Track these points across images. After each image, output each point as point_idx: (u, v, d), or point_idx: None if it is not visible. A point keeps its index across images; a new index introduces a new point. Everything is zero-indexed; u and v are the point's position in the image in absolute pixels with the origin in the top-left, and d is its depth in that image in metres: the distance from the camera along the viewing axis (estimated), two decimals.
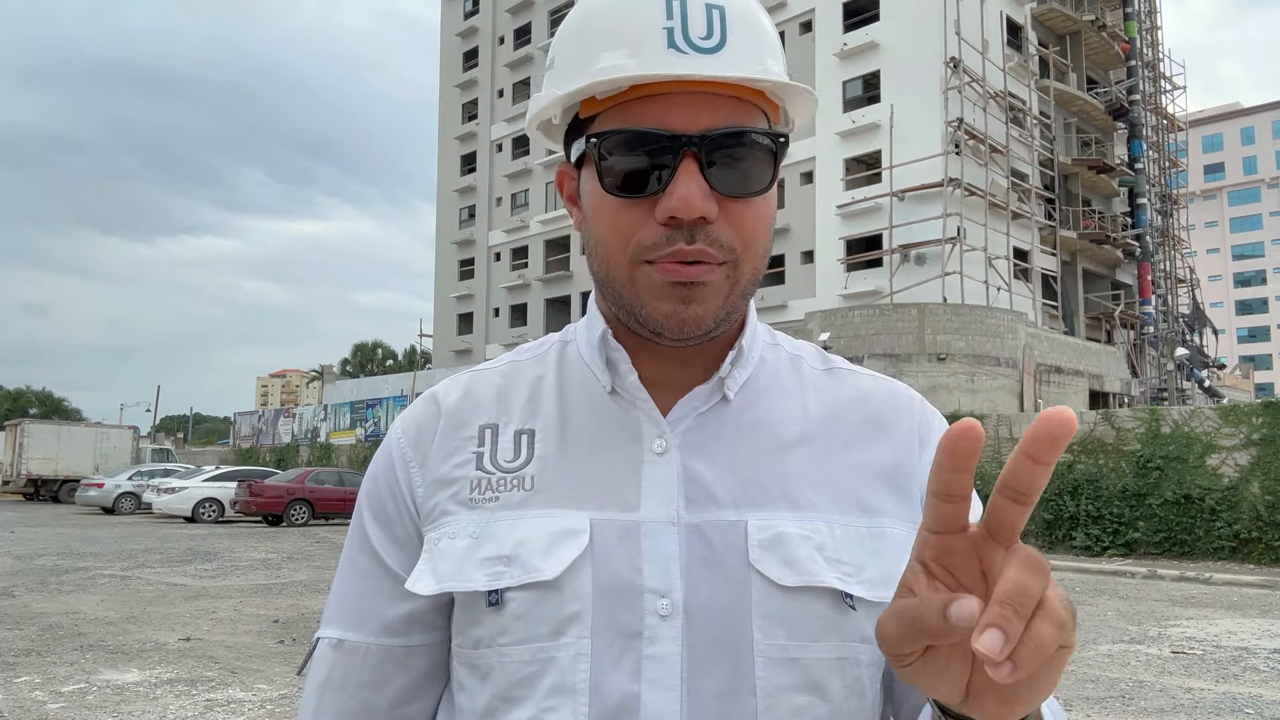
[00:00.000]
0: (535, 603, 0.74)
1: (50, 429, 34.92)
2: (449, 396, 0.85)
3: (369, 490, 0.85)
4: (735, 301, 0.77)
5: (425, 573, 0.77)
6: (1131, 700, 5.98)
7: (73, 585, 11.10)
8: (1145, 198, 36.94)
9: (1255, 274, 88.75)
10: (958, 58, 30.16)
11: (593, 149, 0.75)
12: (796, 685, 0.73)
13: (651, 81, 0.72)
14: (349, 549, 0.86)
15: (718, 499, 0.77)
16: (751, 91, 0.76)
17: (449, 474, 0.81)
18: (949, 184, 29.40)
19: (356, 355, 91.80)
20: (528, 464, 0.80)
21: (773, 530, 0.76)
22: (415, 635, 0.81)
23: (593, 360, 0.83)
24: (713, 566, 0.75)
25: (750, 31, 0.75)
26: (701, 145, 0.72)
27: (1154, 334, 35.95)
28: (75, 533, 19.68)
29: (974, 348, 24.83)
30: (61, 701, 5.81)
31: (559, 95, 0.76)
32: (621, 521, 0.76)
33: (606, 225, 0.76)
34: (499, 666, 0.75)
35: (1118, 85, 38.86)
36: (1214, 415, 14.73)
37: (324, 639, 0.83)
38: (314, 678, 0.83)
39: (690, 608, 0.74)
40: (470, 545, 0.77)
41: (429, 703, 0.83)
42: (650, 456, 0.78)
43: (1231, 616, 9.48)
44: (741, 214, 0.75)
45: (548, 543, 0.75)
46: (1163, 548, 14.65)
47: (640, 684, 0.72)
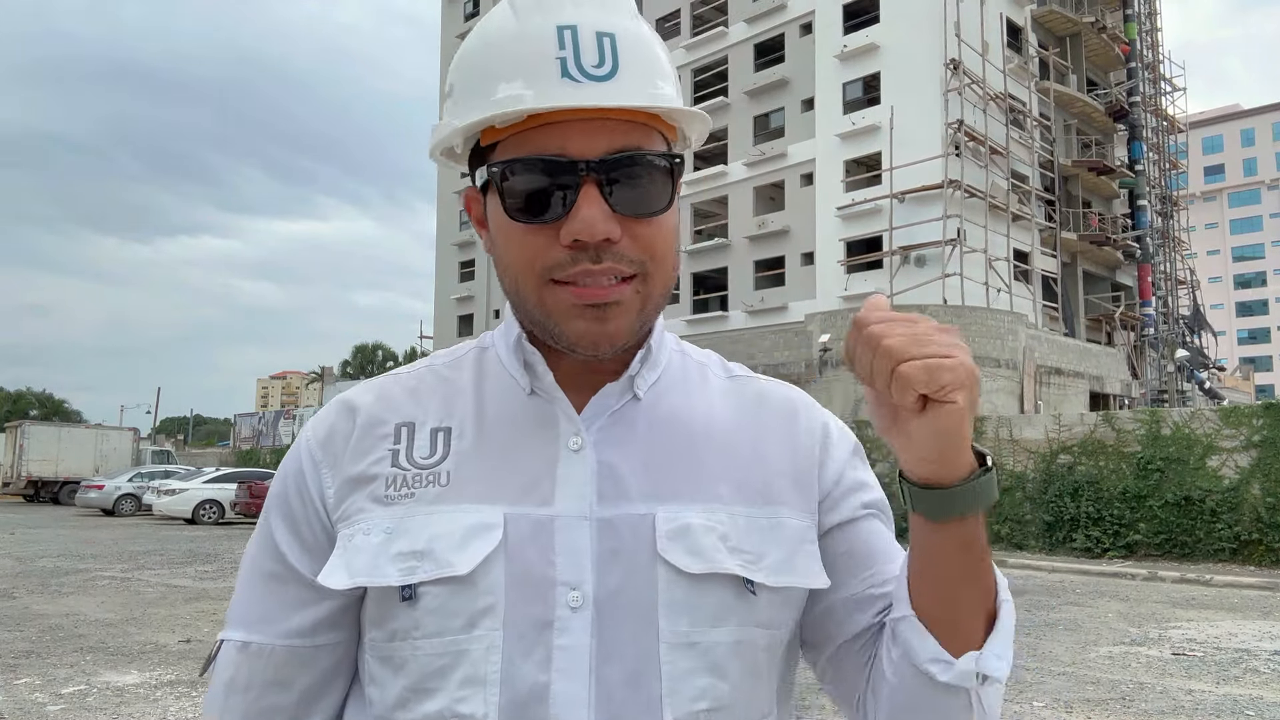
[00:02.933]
0: (448, 597, 0.76)
1: (50, 431, 34.93)
2: (363, 398, 0.87)
3: (276, 492, 0.86)
4: (648, 316, 0.81)
5: (338, 568, 0.78)
6: (1132, 702, 5.97)
7: (73, 587, 11.09)
8: (1145, 199, 36.95)
9: (1255, 275, 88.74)
10: (958, 59, 30.16)
11: (495, 177, 0.78)
12: (698, 668, 0.77)
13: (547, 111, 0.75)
14: (253, 550, 0.86)
15: (628, 493, 0.80)
16: (646, 115, 0.79)
17: (364, 472, 0.82)
18: (949, 186, 29.40)
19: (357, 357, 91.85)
20: (443, 460, 0.81)
21: (679, 522, 0.79)
22: (321, 635, 0.82)
23: (511, 364, 0.86)
24: (622, 558, 0.78)
25: (641, 57, 0.78)
26: (601, 169, 0.75)
27: (1154, 336, 35.95)
28: (75, 534, 19.67)
29: (974, 349, 24.66)
30: (62, 703, 5.80)
31: (458, 126, 0.79)
32: (535, 516, 0.78)
33: (514, 250, 0.79)
34: (412, 659, 0.77)
35: (1118, 87, 38.87)
36: (1214, 417, 14.72)
37: (228, 641, 0.84)
38: (219, 679, 0.84)
39: (600, 599, 0.77)
40: (384, 541, 0.78)
41: (336, 699, 0.85)
42: (566, 453, 0.81)
43: (1232, 618, 9.47)
44: (645, 232, 0.78)
45: (462, 538, 0.77)
46: (1163, 549, 14.64)
47: (550, 674, 0.75)
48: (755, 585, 0.80)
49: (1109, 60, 38.77)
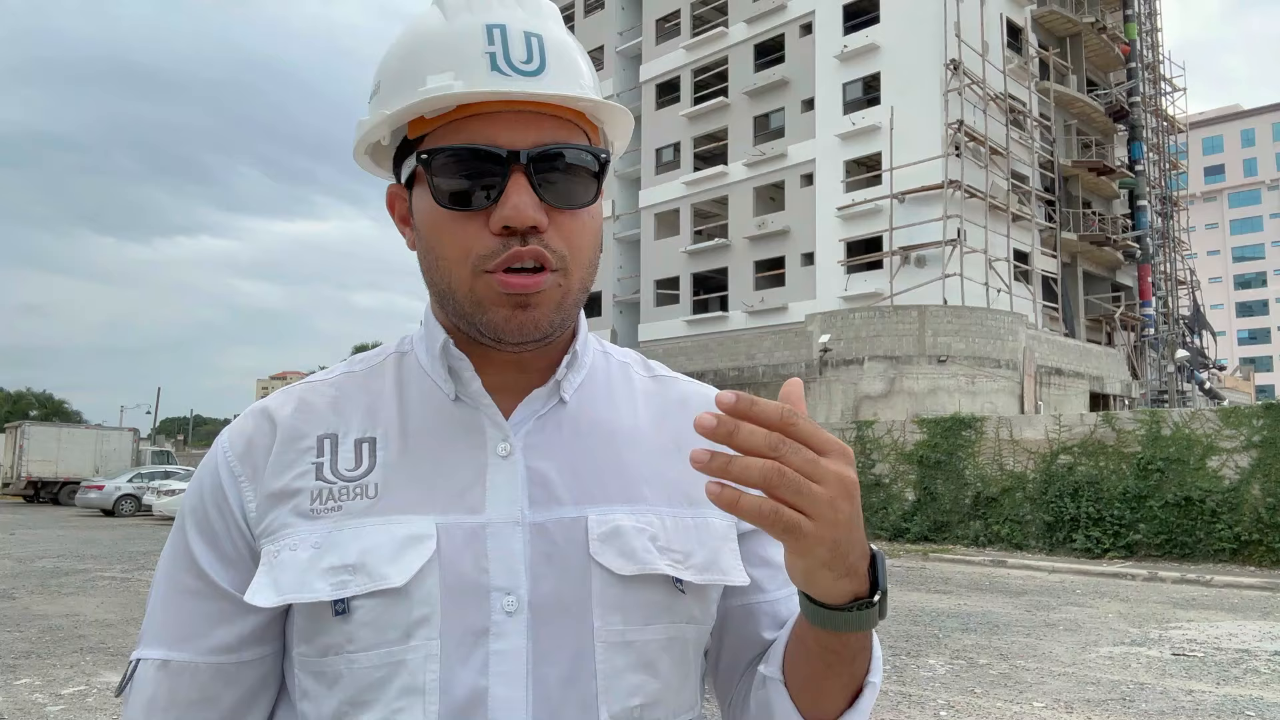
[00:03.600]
0: (383, 609, 0.75)
1: (50, 431, 34.89)
2: (282, 409, 0.85)
3: (193, 506, 0.84)
4: (568, 309, 0.82)
5: (265, 585, 0.77)
6: (1132, 702, 5.97)
7: (73, 588, 11.10)
8: (1145, 200, 36.96)
9: (1255, 276, 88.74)
10: (958, 60, 30.16)
11: (424, 165, 0.78)
12: (631, 665, 0.79)
13: (478, 100, 0.77)
14: (169, 565, 0.84)
15: (559, 497, 0.81)
16: (572, 112, 0.81)
17: (286, 486, 0.80)
18: (949, 186, 29.40)
19: None
20: (370, 472, 0.81)
21: (610, 524, 0.81)
22: (246, 651, 0.81)
23: (434, 370, 0.86)
24: (556, 562, 0.79)
25: (566, 58, 0.81)
26: (530, 160, 0.77)
27: (1154, 336, 35.96)
28: (75, 535, 19.67)
29: (974, 350, 24.83)
30: (62, 704, 5.80)
31: (387, 114, 0.79)
32: (468, 524, 0.79)
33: (444, 239, 0.79)
34: (348, 672, 0.76)
35: (1118, 87, 38.88)
36: (1214, 417, 14.72)
37: (146, 660, 0.81)
38: (137, 700, 0.81)
39: (535, 602, 0.78)
40: (313, 556, 0.77)
41: (261, 714, 0.83)
42: (494, 459, 0.82)
43: (1232, 619, 9.46)
44: (569, 225, 0.80)
45: (394, 550, 0.76)
46: (1163, 550, 14.63)
47: (488, 679, 0.75)
48: (684, 584, 0.81)
49: (1109, 60, 38.78)
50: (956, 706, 5.83)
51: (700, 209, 38.52)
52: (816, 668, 0.77)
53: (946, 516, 17.10)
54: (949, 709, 5.78)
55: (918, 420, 18.46)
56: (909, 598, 10.59)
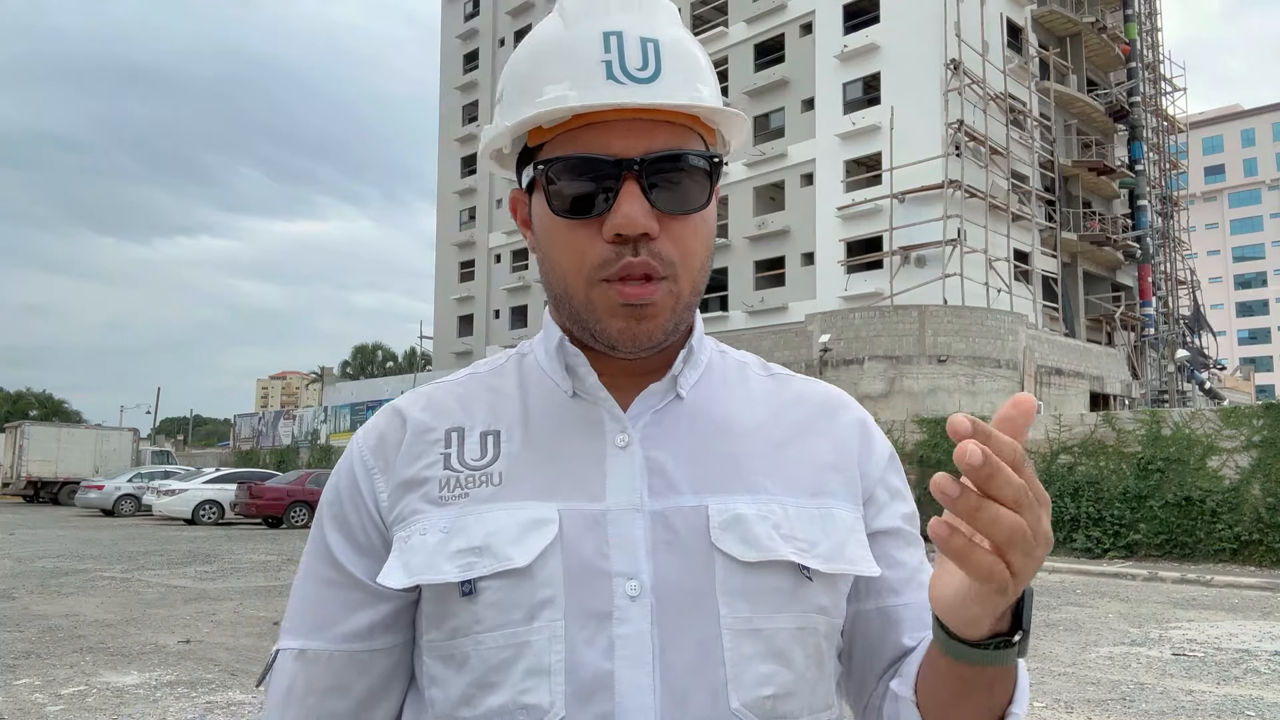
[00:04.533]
0: (508, 590, 0.77)
1: (50, 431, 34.92)
2: (412, 406, 0.89)
3: (329, 500, 0.88)
4: (681, 314, 0.84)
5: (396, 568, 0.80)
6: (1132, 702, 5.97)
7: (73, 587, 11.09)
8: (1146, 199, 36.96)
9: (1256, 276, 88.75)
10: (958, 60, 30.17)
11: (541, 175, 0.81)
12: (761, 654, 0.79)
13: (593, 110, 0.78)
14: (308, 559, 0.88)
15: (678, 487, 0.82)
16: (687, 117, 0.82)
17: (417, 475, 0.83)
18: (949, 186, 29.40)
19: (356, 357, 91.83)
20: (494, 461, 0.83)
21: (731, 512, 0.81)
22: (378, 639, 0.83)
23: (552, 368, 0.89)
24: (677, 549, 0.80)
25: (682, 61, 0.81)
26: (642, 167, 0.78)
27: (1154, 336, 35.96)
28: (75, 535, 19.67)
29: (974, 349, 24.83)
30: (61, 704, 5.80)
31: (507, 126, 0.83)
32: (588, 511, 0.80)
33: (559, 246, 0.82)
34: (475, 654, 0.78)
35: (1118, 87, 38.89)
36: (1215, 417, 14.72)
37: (285, 650, 0.85)
38: (276, 689, 0.84)
39: (658, 588, 0.78)
40: (441, 540, 0.79)
41: (393, 705, 0.86)
42: (613, 450, 0.83)
43: (1232, 619, 9.47)
44: (681, 230, 0.81)
45: (518, 533, 0.78)
46: (1164, 550, 14.64)
47: (613, 662, 0.76)
48: (811, 571, 0.81)
49: (1109, 60, 38.78)
50: None
51: None
52: (948, 695, 0.75)
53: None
54: None
55: (918, 420, 18.46)
56: None
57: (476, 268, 49.94)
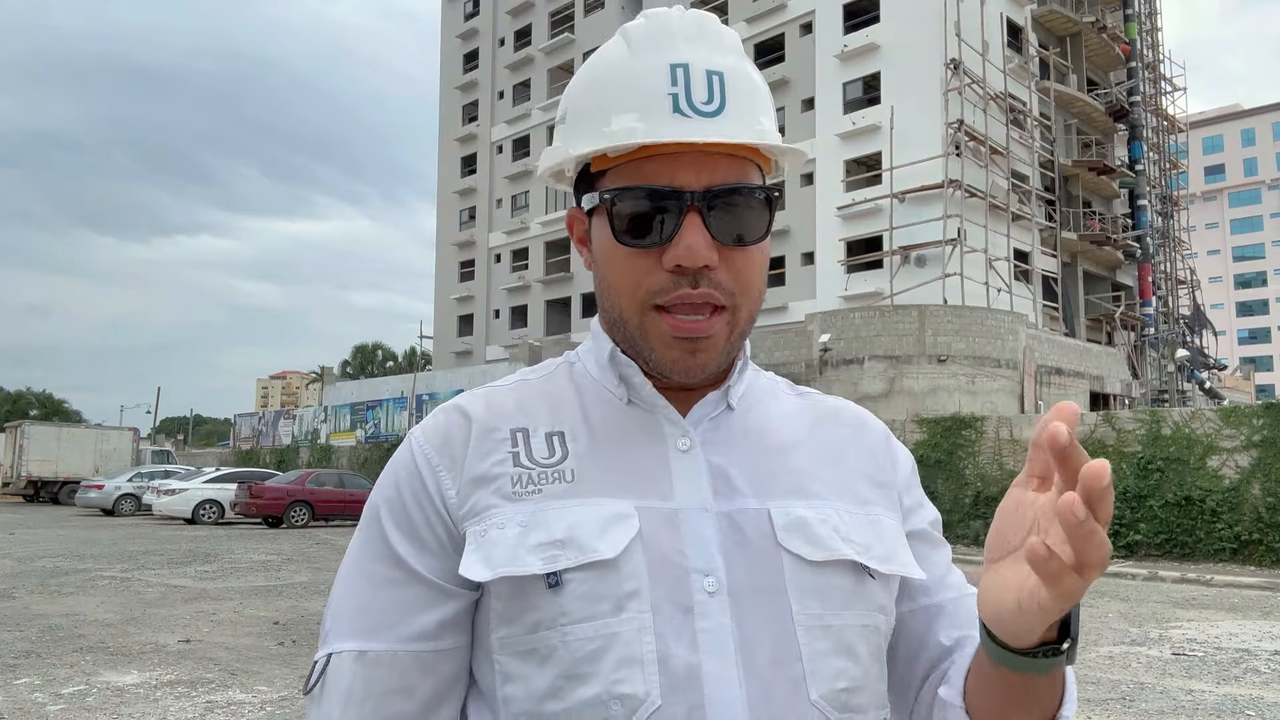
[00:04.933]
0: (595, 581, 0.78)
1: (50, 431, 34.91)
2: (474, 405, 0.89)
3: (387, 498, 0.86)
4: (735, 344, 0.87)
5: (476, 562, 0.79)
6: (1132, 702, 5.97)
7: (73, 587, 11.09)
8: (1146, 199, 36.96)
9: (1256, 275, 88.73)
10: (958, 59, 30.16)
11: (606, 203, 0.83)
12: (833, 649, 0.81)
13: (659, 144, 0.80)
14: (362, 559, 0.85)
15: (740, 490, 0.85)
16: (748, 149, 0.84)
17: (487, 472, 0.84)
18: (949, 185, 29.40)
19: (356, 357, 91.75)
20: (564, 459, 0.85)
21: (793, 515, 0.84)
22: (445, 639, 0.82)
23: (605, 377, 0.91)
24: (746, 548, 0.82)
25: (746, 94, 0.84)
26: (705, 200, 0.80)
27: (1154, 335, 35.95)
28: (75, 534, 19.67)
29: (974, 349, 24.82)
30: (61, 703, 5.80)
31: (574, 155, 0.85)
32: (662, 509, 0.82)
33: (618, 272, 0.84)
34: (562, 646, 0.77)
35: (1118, 87, 38.88)
36: (1215, 417, 14.72)
37: (340, 653, 0.81)
38: (335, 692, 0.81)
39: (733, 586, 0.80)
40: (520, 533, 0.80)
41: (454, 708, 0.85)
42: (676, 453, 0.85)
43: (1232, 618, 9.47)
44: (740, 261, 0.83)
45: (600, 526, 0.80)
46: (1164, 549, 14.64)
47: (699, 654, 0.77)
48: (872, 571, 0.84)
49: (1109, 60, 38.77)
50: None
51: None
52: (997, 702, 0.77)
53: (947, 516, 17.09)
54: None
55: (918, 420, 18.47)
56: None
57: (476, 267, 49.92)
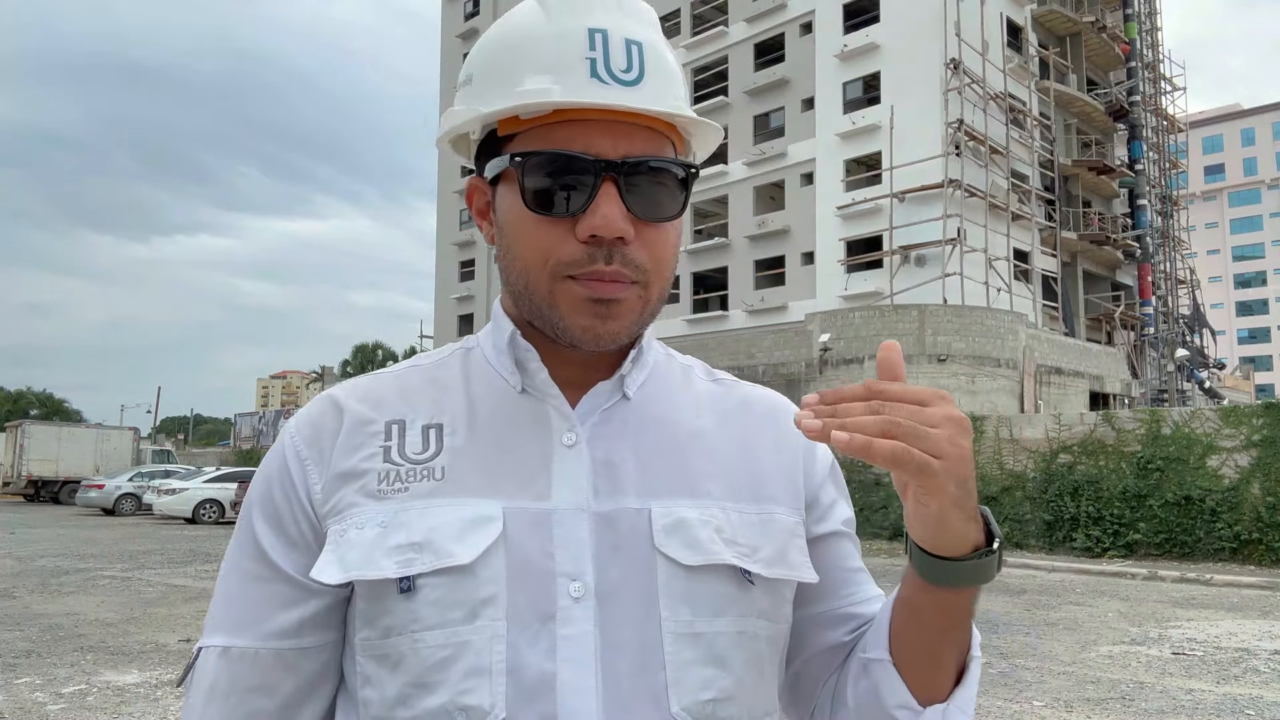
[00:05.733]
0: (449, 588, 0.75)
1: (51, 430, 34.89)
2: (349, 396, 0.86)
3: (259, 491, 0.84)
4: (646, 319, 0.83)
5: (331, 563, 0.77)
6: (1132, 701, 5.98)
7: (73, 587, 11.10)
8: (1145, 199, 36.94)
9: (1255, 275, 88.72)
10: (958, 59, 30.15)
11: (516, 167, 0.78)
12: (701, 659, 0.78)
13: (576, 107, 0.77)
14: (234, 554, 0.84)
15: (623, 489, 0.81)
16: (664, 124, 0.81)
17: (354, 468, 0.81)
18: (949, 185, 29.39)
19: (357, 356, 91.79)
20: (437, 455, 0.81)
21: (674, 516, 0.81)
22: (307, 636, 0.81)
23: (500, 363, 0.87)
24: (621, 551, 0.79)
25: (664, 67, 0.81)
26: (621, 170, 0.77)
27: (1154, 335, 35.95)
28: (76, 534, 19.67)
29: (974, 349, 24.82)
30: (62, 703, 5.81)
31: (483, 113, 0.80)
32: (533, 509, 0.79)
33: (527, 241, 0.79)
34: (411, 653, 0.75)
35: (1118, 86, 38.85)
36: (1214, 416, 14.72)
37: (208, 647, 0.81)
38: (198, 687, 0.81)
39: (601, 590, 0.77)
40: (379, 534, 0.77)
41: (321, 705, 0.83)
42: (560, 449, 0.82)
43: (1232, 618, 9.47)
44: (654, 238, 0.80)
45: (460, 529, 0.77)
46: (1163, 549, 14.64)
47: (556, 663, 0.75)
48: (752, 575, 0.81)
49: (1109, 60, 38.76)
50: None
51: (700, 208, 38.49)
52: (930, 636, 0.79)
53: None
54: None
55: None
56: None
57: (476, 267, 49.90)
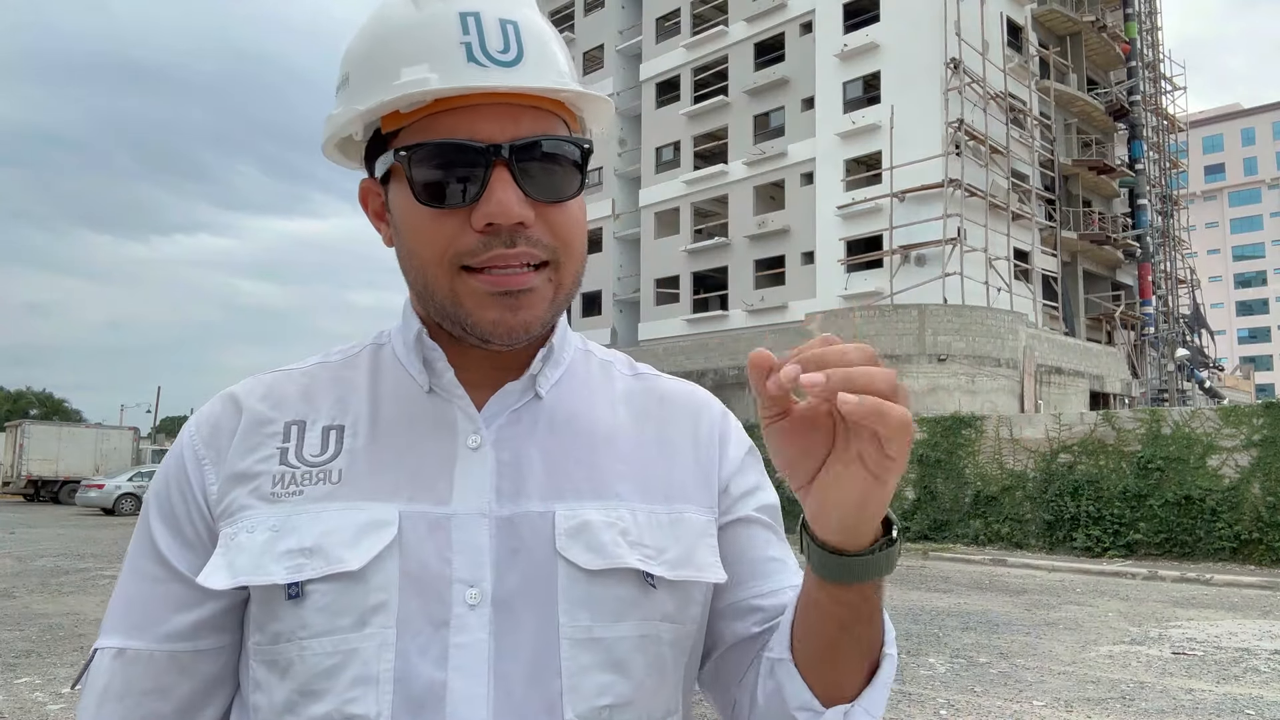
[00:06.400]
0: (338, 594, 0.74)
1: (51, 430, 34.88)
2: (250, 395, 0.84)
3: (156, 490, 0.83)
4: (560, 304, 0.80)
5: (220, 567, 0.75)
6: (1132, 701, 5.98)
7: (73, 586, 11.10)
8: (1145, 198, 36.95)
9: (1256, 275, 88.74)
10: (958, 59, 30.15)
11: (403, 161, 0.76)
12: (599, 664, 0.76)
13: (457, 94, 0.74)
14: (132, 553, 0.83)
15: (527, 491, 0.79)
16: (551, 101, 0.78)
17: (249, 469, 0.79)
18: (949, 185, 29.39)
19: None
20: (335, 458, 0.79)
21: (578, 519, 0.79)
22: (203, 639, 0.79)
23: (409, 361, 0.84)
24: (522, 556, 0.77)
25: (543, 45, 0.78)
26: (511, 153, 0.75)
27: (1154, 335, 35.96)
28: (75, 534, 19.67)
29: (974, 349, 24.82)
30: (62, 703, 5.81)
31: (361, 110, 0.77)
32: (432, 514, 0.77)
33: (423, 237, 0.77)
34: (299, 660, 0.74)
35: (1118, 86, 38.87)
36: (1214, 416, 14.72)
37: (102, 649, 0.80)
38: (92, 690, 0.79)
39: (499, 597, 0.76)
40: (270, 538, 0.75)
41: (218, 708, 0.81)
42: (464, 451, 0.80)
43: (1232, 617, 9.47)
44: (556, 218, 0.78)
45: (353, 534, 0.75)
46: (1163, 549, 14.64)
47: (447, 672, 0.73)
48: (655, 579, 0.79)
49: (1109, 59, 38.76)
50: (956, 705, 5.83)
51: (700, 208, 38.50)
52: (831, 634, 0.75)
53: (946, 515, 17.09)
54: (949, 708, 5.78)
55: (918, 419, 18.45)
56: (909, 596, 10.59)
57: None
